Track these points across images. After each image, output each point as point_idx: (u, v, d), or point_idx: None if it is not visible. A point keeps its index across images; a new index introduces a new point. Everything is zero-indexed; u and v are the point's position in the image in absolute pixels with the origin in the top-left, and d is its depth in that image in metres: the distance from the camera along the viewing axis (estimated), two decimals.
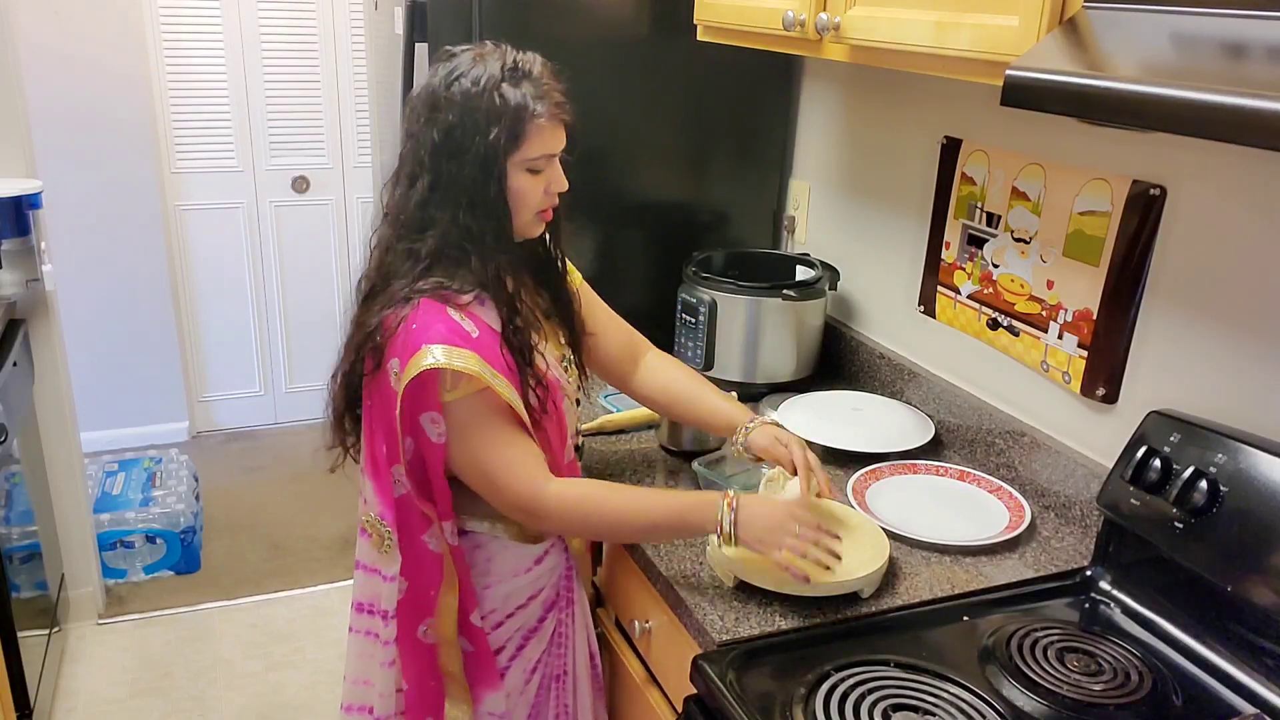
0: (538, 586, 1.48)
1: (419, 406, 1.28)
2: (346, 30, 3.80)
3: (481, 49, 1.33)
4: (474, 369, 1.26)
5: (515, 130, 1.28)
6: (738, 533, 1.30)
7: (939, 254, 1.84)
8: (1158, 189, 1.40)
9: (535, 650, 1.49)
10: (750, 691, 1.17)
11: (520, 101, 1.28)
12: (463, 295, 1.31)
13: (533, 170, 1.32)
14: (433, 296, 1.29)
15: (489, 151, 1.27)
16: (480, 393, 1.28)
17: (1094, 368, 1.53)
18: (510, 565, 1.44)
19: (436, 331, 1.26)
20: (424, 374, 1.25)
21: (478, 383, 1.27)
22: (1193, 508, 1.24)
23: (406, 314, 1.28)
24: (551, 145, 1.33)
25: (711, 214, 2.29)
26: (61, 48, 3.36)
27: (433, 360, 1.25)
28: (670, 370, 1.63)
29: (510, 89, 1.28)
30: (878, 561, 1.37)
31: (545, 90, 1.30)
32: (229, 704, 2.61)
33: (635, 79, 2.13)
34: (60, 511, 2.77)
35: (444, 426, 1.29)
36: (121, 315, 3.72)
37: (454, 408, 1.29)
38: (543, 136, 1.30)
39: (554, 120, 1.31)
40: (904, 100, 1.93)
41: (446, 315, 1.28)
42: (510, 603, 1.46)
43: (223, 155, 3.79)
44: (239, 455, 3.93)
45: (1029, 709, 1.17)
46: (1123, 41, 1.04)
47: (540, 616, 1.49)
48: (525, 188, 1.32)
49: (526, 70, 1.30)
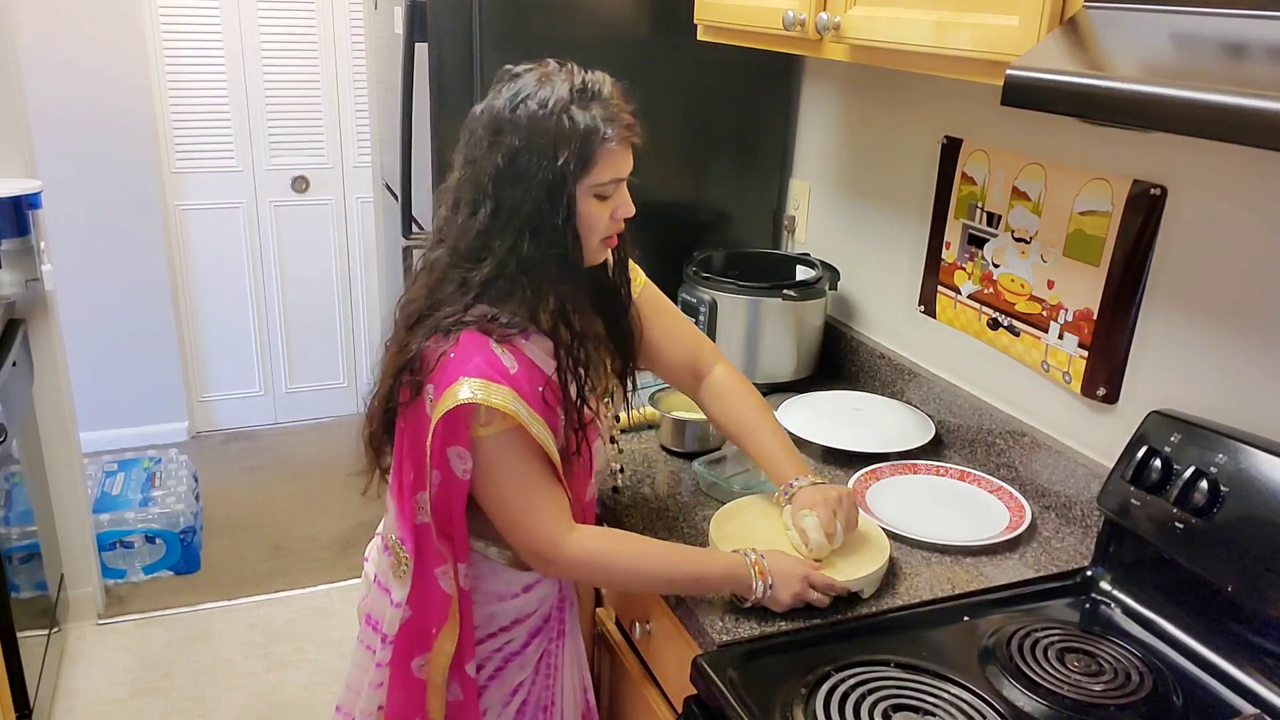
0: (524, 612, 1.44)
1: (449, 440, 1.24)
2: (346, 30, 3.80)
3: (546, 68, 1.27)
4: (509, 407, 1.22)
5: (585, 154, 1.23)
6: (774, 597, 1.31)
7: (939, 254, 1.84)
8: (1158, 189, 1.40)
9: (516, 674, 1.46)
10: (750, 692, 1.17)
11: (590, 124, 1.23)
12: (509, 328, 1.26)
13: (600, 196, 1.27)
14: (476, 329, 1.25)
15: (557, 177, 1.22)
16: (513, 430, 1.24)
17: (1094, 368, 1.53)
18: (497, 588, 1.41)
19: (475, 365, 1.22)
20: (458, 409, 1.21)
21: (511, 420, 1.23)
22: (1193, 508, 1.24)
23: (446, 348, 1.24)
24: (621, 169, 1.28)
25: (711, 214, 2.29)
26: (61, 48, 3.36)
27: (468, 394, 1.21)
28: (731, 398, 1.54)
29: (580, 111, 1.23)
30: (878, 562, 1.37)
31: (615, 112, 1.26)
32: (229, 704, 2.61)
33: (635, 79, 2.11)
34: (60, 511, 2.77)
35: (470, 463, 1.25)
36: (121, 315, 3.72)
37: (484, 444, 1.24)
38: (613, 160, 1.26)
39: (624, 143, 1.27)
40: (904, 100, 1.93)
41: (487, 348, 1.24)
42: (493, 623, 1.42)
43: (222, 155, 3.79)
44: (239, 455, 3.93)
45: (1029, 709, 1.17)
46: (1123, 41, 1.04)
47: (524, 642, 1.45)
48: (593, 213, 1.27)
49: (596, 91, 1.25)
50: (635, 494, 1.63)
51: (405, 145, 2.17)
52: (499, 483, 1.28)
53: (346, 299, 4.13)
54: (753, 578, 1.30)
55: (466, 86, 2.02)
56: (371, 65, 2.98)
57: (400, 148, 2.18)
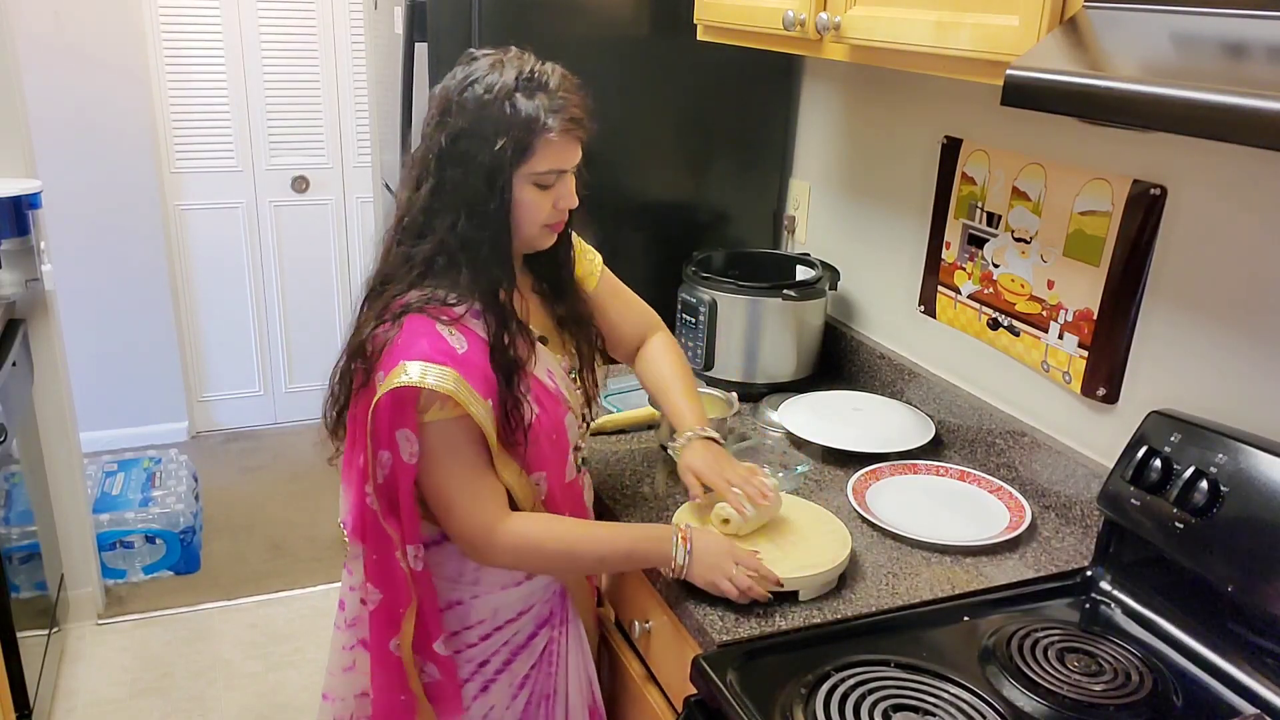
0: (529, 602, 1.45)
1: (395, 422, 1.25)
2: (346, 30, 3.80)
3: (504, 55, 1.29)
4: (449, 388, 1.23)
5: (524, 142, 1.24)
6: (691, 567, 1.33)
7: (939, 254, 1.84)
8: (1158, 189, 1.40)
9: (523, 665, 1.47)
10: (750, 692, 1.17)
11: (531, 113, 1.24)
12: (456, 307, 1.28)
13: (541, 185, 1.28)
14: (420, 312, 1.27)
15: (494, 162, 1.24)
16: (458, 419, 1.26)
17: (1094, 368, 1.53)
18: (499, 577, 1.42)
19: (419, 348, 1.24)
20: (399, 391, 1.22)
21: (453, 406, 1.24)
22: (1193, 508, 1.24)
23: (393, 334, 1.26)
24: (562, 160, 1.29)
25: (711, 214, 2.29)
26: (61, 47, 3.36)
27: (406, 378, 1.22)
28: (657, 359, 1.60)
29: (523, 99, 1.24)
30: (821, 566, 1.36)
31: (561, 104, 1.26)
32: (229, 704, 2.61)
33: (635, 79, 2.13)
34: (60, 512, 2.77)
35: (416, 447, 1.26)
36: (121, 315, 3.72)
37: (430, 430, 1.26)
38: (553, 151, 1.27)
39: (567, 135, 1.27)
40: (904, 100, 1.93)
41: (433, 330, 1.25)
42: (499, 616, 1.43)
43: (222, 155, 3.79)
44: (239, 455, 3.93)
45: (1029, 709, 1.17)
46: (1123, 41, 1.04)
47: (531, 633, 1.46)
48: (532, 201, 1.29)
49: (543, 81, 1.26)
50: (635, 493, 1.63)
51: (405, 145, 2.17)
52: (441, 470, 1.29)
53: (346, 299, 4.13)
54: (674, 545, 1.33)
55: None
56: (371, 65, 2.98)
57: (400, 148, 2.18)
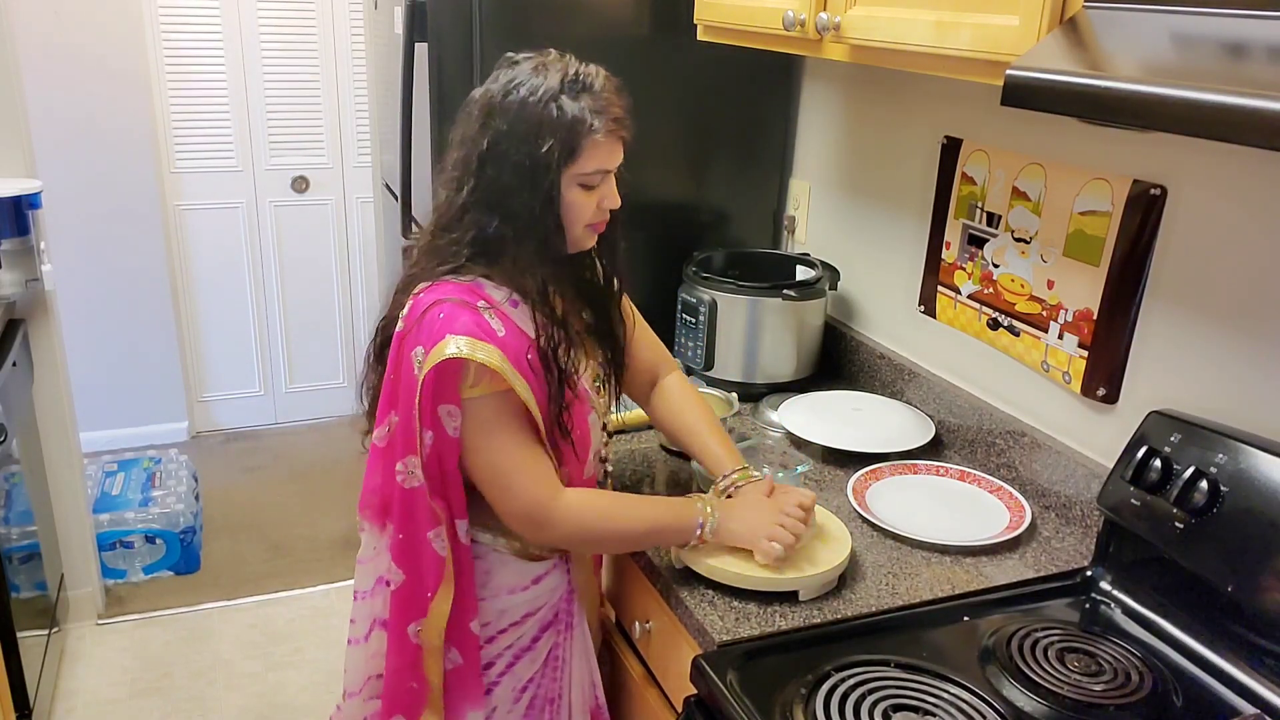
0: (535, 605, 1.45)
1: (439, 398, 1.26)
2: (346, 30, 3.80)
3: (544, 58, 1.30)
4: (496, 364, 1.25)
5: (571, 144, 1.26)
6: (723, 523, 1.34)
7: (939, 254, 1.84)
8: (1158, 189, 1.40)
9: (527, 669, 1.47)
10: (750, 692, 1.17)
11: (578, 115, 1.26)
12: (496, 292, 1.30)
13: (586, 185, 1.30)
14: (467, 288, 1.29)
15: (541, 163, 1.25)
16: (502, 393, 1.27)
17: (1094, 368, 1.53)
18: (508, 581, 1.42)
19: (462, 323, 1.25)
20: (445, 364, 1.24)
21: (500, 381, 1.26)
22: (1193, 508, 1.24)
23: (434, 311, 1.27)
24: (607, 161, 1.31)
25: (711, 214, 2.29)
26: (61, 47, 3.36)
27: (455, 350, 1.23)
28: (679, 400, 1.58)
29: (569, 101, 1.26)
30: (821, 566, 1.36)
31: (605, 105, 1.28)
32: (229, 704, 2.61)
33: (635, 79, 2.11)
34: (60, 512, 2.77)
35: (459, 421, 1.27)
36: (121, 315, 3.72)
37: (473, 405, 1.27)
38: (599, 151, 1.29)
39: (612, 136, 1.30)
40: (904, 100, 1.93)
41: (475, 310, 1.27)
42: (504, 619, 1.44)
43: (222, 155, 3.79)
44: (239, 455, 3.93)
45: (1029, 709, 1.17)
46: (1123, 41, 1.04)
47: (535, 636, 1.46)
48: (578, 202, 1.30)
49: (588, 83, 1.28)
50: (635, 493, 1.63)
51: (405, 145, 2.17)
52: (490, 444, 1.29)
53: (346, 299, 4.13)
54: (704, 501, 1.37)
55: (466, 86, 2.01)
56: (371, 65, 2.98)
57: (400, 148, 2.18)
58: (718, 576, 1.36)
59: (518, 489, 1.31)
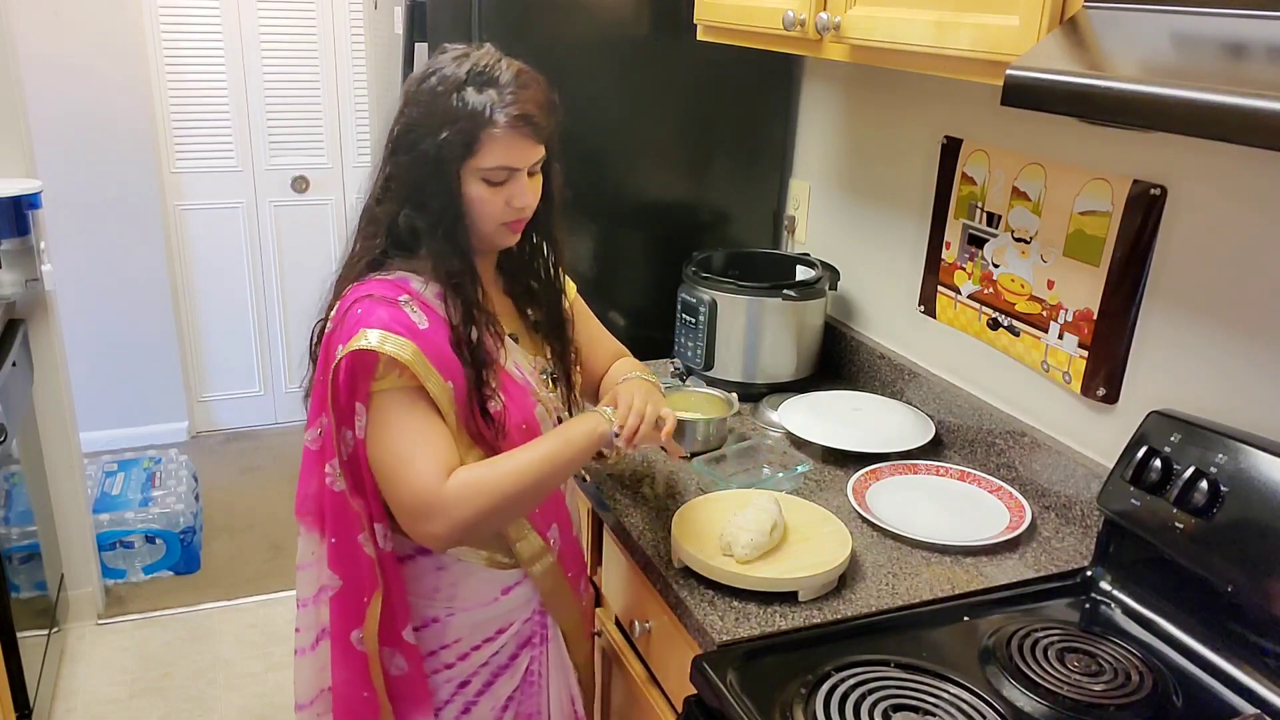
0: (508, 620, 1.42)
1: (354, 394, 1.24)
2: (346, 30, 3.80)
3: (470, 49, 1.28)
4: (406, 357, 1.22)
5: (469, 136, 1.22)
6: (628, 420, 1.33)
7: (939, 254, 1.84)
8: (1158, 189, 1.40)
9: (507, 686, 1.44)
10: (750, 692, 1.17)
11: (477, 107, 1.21)
12: (421, 285, 1.28)
13: (489, 181, 1.25)
14: (391, 283, 1.27)
15: (438, 154, 1.23)
16: (409, 390, 1.24)
17: (1094, 368, 1.53)
18: (477, 592, 1.39)
19: (378, 317, 1.23)
20: (355, 355, 1.22)
21: (409, 376, 1.23)
22: (1193, 508, 1.24)
23: (357, 296, 1.26)
24: (511, 158, 1.25)
25: (711, 214, 2.29)
26: (61, 47, 3.36)
27: (365, 343, 1.21)
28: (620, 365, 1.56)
29: (473, 93, 1.22)
30: (821, 566, 1.36)
31: (511, 99, 1.22)
32: (229, 704, 2.61)
33: (635, 79, 2.13)
34: (60, 512, 2.77)
35: (364, 419, 1.25)
36: (121, 315, 3.72)
37: (378, 398, 1.24)
38: (498, 147, 1.23)
39: (515, 132, 1.23)
40: (904, 100, 1.93)
41: (394, 304, 1.25)
42: (478, 634, 1.40)
43: (222, 155, 3.79)
44: (239, 455, 3.93)
45: (1029, 709, 1.17)
46: (1123, 41, 1.04)
47: (513, 653, 1.44)
48: (482, 198, 1.26)
49: (494, 76, 1.23)
50: (635, 494, 1.63)
51: None
52: (382, 440, 1.24)
53: None
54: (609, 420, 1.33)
55: None
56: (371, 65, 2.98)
57: None
58: (718, 576, 1.36)
59: (402, 481, 1.23)
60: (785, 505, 1.48)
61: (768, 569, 1.35)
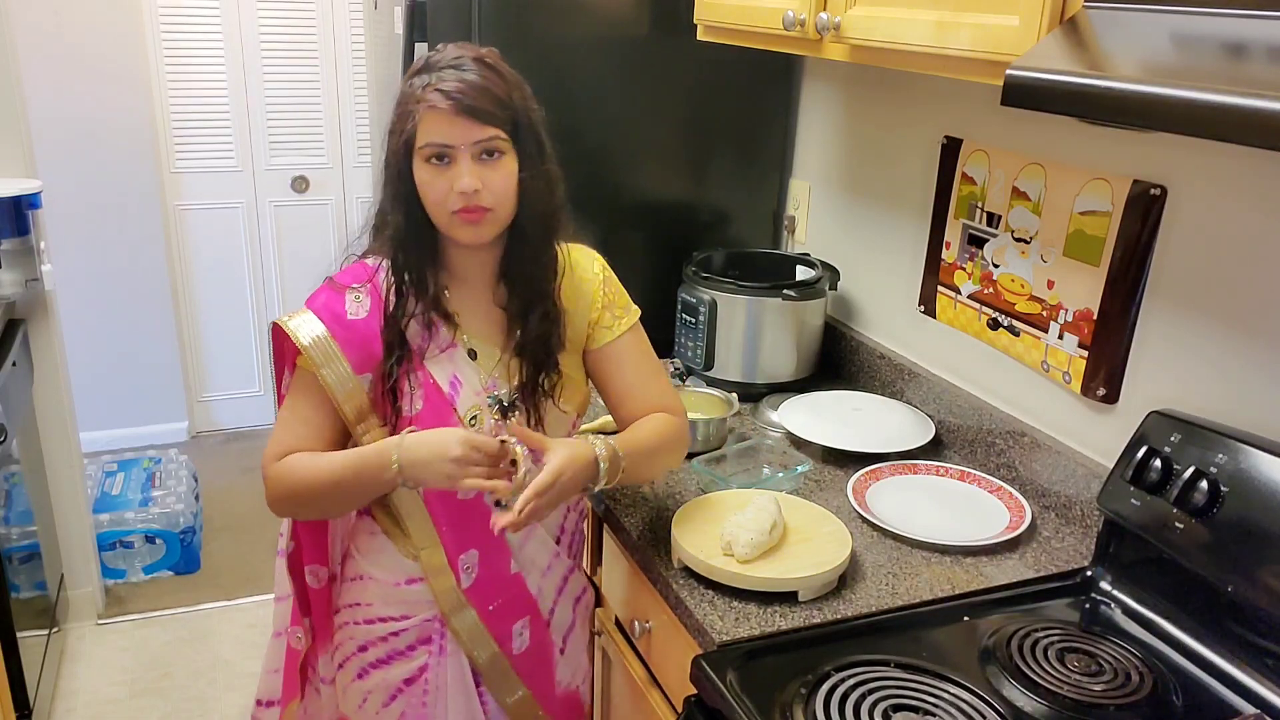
0: (410, 610, 1.43)
1: (282, 361, 1.40)
2: (346, 30, 3.80)
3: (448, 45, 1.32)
4: (303, 343, 1.32)
5: (408, 117, 1.27)
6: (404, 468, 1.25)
7: (939, 254, 1.84)
8: (1158, 189, 1.40)
9: (397, 675, 1.44)
10: (750, 692, 1.17)
11: (416, 89, 1.27)
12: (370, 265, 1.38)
13: (430, 160, 1.27)
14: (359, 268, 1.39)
15: (391, 141, 1.31)
16: (306, 371, 1.35)
17: (1094, 368, 1.53)
18: (387, 569, 1.43)
19: (316, 300, 1.36)
20: (275, 329, 1.35)
21: (308, 362, 1.33)
22: (1193, 508, 1.24)
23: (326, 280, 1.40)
24: (444, 134, 1.25)
25: (711, 214, 2.29)
26: (61, 47, 3.37)
27: (284, 319, 1.34)
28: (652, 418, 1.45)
29: (416, 77, 1.29)
30: (821, 566, 1.36)
31: (440, 79, 1.25)
32: (229, 704, 2.61)
33: (635, 79, 2.13)
34: (60, 512, 2.77)
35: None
36: (121, 315, 3.72)
37: (296, 371, 1.38)
38: (430, 123, 1.25)
39: (447, 109, 1.23)
40: (904, 100, 1.93)
41: (341, 290, 1.37)
42: (386, 608, 1.43)
43: (222, 155, 3.79)
44: (239, 455, 3.93)
45: (1029, 709, 1.17)
46: (1123, 41, 1.04)
47: (411, 644, 1.44)
48: (426, 181, 1.28)
49: (436, 61, 1.28)
50: (635, 494, 1.63)
51: None
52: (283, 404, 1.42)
53: None
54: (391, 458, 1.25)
55: None
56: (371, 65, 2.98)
57: None
58: (717, 576, 1.36)
59: (265, 449, 1.39)
60: (785, 505, 1.48)
61: (768, 569, 1.35)
